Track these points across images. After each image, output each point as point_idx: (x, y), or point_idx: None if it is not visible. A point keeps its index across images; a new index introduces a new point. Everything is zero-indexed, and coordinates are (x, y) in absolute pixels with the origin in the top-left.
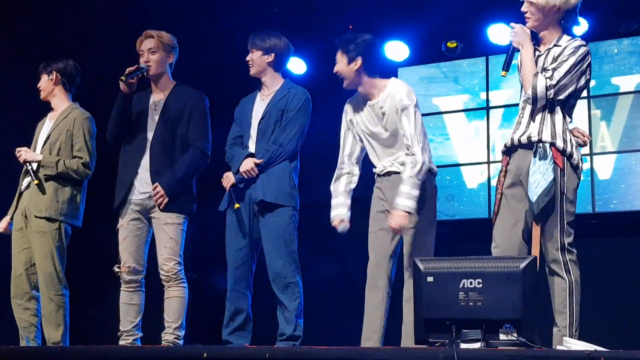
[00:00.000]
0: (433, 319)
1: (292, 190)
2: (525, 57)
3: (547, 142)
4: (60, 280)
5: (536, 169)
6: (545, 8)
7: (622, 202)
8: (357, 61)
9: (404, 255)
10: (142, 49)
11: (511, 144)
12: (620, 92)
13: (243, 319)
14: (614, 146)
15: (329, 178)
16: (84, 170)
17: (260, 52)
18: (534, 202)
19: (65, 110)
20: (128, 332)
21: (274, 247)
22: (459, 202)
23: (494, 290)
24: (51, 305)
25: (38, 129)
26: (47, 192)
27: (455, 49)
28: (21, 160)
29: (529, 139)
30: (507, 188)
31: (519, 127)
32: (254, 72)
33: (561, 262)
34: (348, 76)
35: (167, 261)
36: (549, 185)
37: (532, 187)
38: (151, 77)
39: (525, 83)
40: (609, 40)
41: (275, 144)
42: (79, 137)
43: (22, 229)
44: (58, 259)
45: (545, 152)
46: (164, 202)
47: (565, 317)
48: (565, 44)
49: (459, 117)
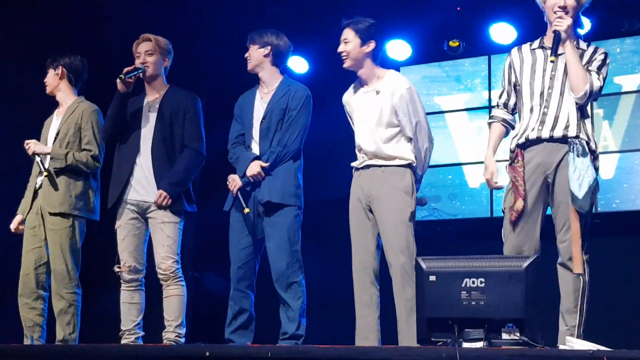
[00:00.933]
0: (435, 318)
1: (297, 190)
2: (572, 51)
3: (584, 139)
4: (72, 279)
5: (577, 165)
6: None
7: (624, 202)
8: (370, 45)
9: (387, 252)
10: (139, 51)
11: (537, 138)
12: (623, 91)
13: (246, 318)
14: (617, 145)
15: (330, 177)
16: (93, 162)
17: (256, 46)
18: (582, 198)
19: (72, 105)
20: (130, 331)
21: (278, 246)
22: (460, 201)
23: (497, 289)
24: (62, 303)
25: (45, 126)
26: (59, 187)
27: (457, 48)
28: (30, 152)
29: (564, 134)
30: (531, 183)
31: (544, 121)
32: (250, 67)
33: (582, 260)
34: (356, 57)
35: (165, 260)
36: (594, 183)
37: (575, 182)
38: (146, 79)
39: (578, 78)
40: (612, 39)
41: (279, 145)
42: (87, 130)
43: (35, 227)
44: (71, 257)
45: (584, 149)
46: (169, 202)
47: (575, 316)
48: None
49: (461, 116)
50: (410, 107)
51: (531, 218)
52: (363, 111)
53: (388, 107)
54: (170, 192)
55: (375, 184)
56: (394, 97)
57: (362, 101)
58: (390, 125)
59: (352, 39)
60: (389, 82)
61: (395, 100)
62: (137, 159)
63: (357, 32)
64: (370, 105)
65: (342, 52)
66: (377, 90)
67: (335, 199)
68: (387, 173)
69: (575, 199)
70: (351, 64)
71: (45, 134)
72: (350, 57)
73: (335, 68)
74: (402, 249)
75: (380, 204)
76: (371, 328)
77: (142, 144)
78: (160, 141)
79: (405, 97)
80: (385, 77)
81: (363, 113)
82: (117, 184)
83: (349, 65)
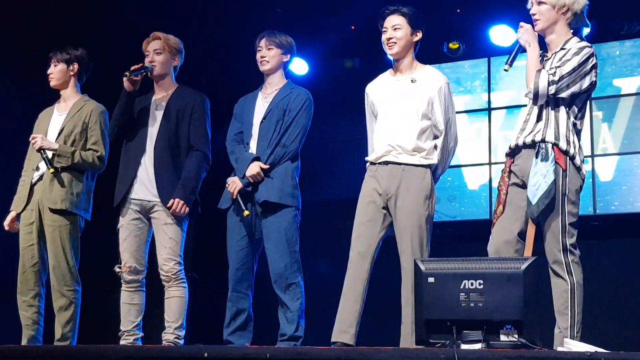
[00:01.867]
0: (434, 320)
1: (294, 190)
2: (531, 56)
3: (549, 142)
4: (73, 276)
5: (537, 170)
6: (555, 7)
7: (623, 204)
8: (418, 34)
9: (401, 254)
10: (148, 49)
11: (515, 146)
12: (622, 94)
13: (244, 319)
14: (616, 148)
15: (330, 178)
16: (98, 163)
17: (279, 50)
18: (534, 204)
19: (78, 102)
20: (129, 332)
21: (276, 247)
22: (460, 203)
23: (495, 291)
24: (62, 300)
25: (42, 119)
26: (63, 184)
27: (457, 50)
28: (36, 147)
29: (533, 140)
30: (511, 187)
31: (525, 128)
32: (267, 69)
33: (563, 263)
34: (405, 45)
35: (167, 261)
36: (549, 187)
37: (532, 188)
38: (154, 78)
39: (528, 79)
40: (611, 42)
41: (279, 146)
42: (95, 130)
43: (32, 223)
44: (72, 254)
45: (547, 153)
46: (186, 210)
47: (566, 318)
48: (571, 46)
49: (460, 118)
50: (448, 102)
51: (508, 222)
52: (393, 99)
53: (425, 97)
54: (186, 199)
55: (394, 183)
56: (432, 88)
57: (393, 89)
58: (424, 117)
59: (404, 25)
60: (427, 73)
61: (433, 92)
62: (142, 158)
63: (408, 19)
64: (404, 94)
65: (392, 38)
66: (413, 79)
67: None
68: (407, 172)
69: (528, 204)
70: (398, 52)
71: (44, 127)
72: (399, 45)
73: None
74: (415, 252)
75: (399, 204)
76: (353, 324)
77: (148, 143)
78: (164, 140)
79: (444, 90)
80: (422, 69)
81: (393, 101)
82: (122, 183)
83: (396, 53)
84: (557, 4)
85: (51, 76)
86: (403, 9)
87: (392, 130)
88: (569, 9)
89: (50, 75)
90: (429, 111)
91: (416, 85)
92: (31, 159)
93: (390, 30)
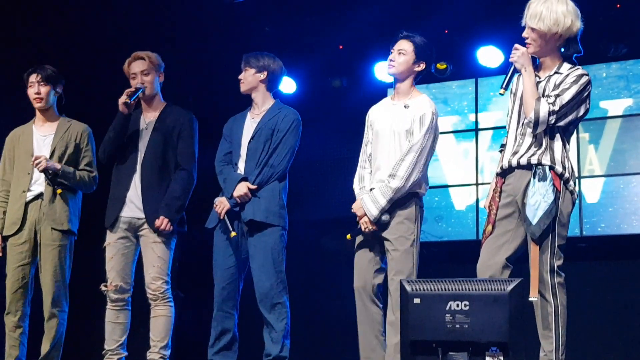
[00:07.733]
0: (419, 341)
1: (281, 210)
2: (528, 81)
3: (546, 165)
4: (66, 296)
5: (536, 190)
6: (547, 35)
7: (609, 226)
8: (421, 65)
9: (388, 278)
10: (134, 71)
11: (508, 166)
12: (609, 115)
13: (229, 339)
14: (602, 170)
15: (317, 197)
16: (92, 183)
17: (253, 70)
18: (535, 224)
19: (62, 123)
20: (113, 351)
21: (262, 267)
22: (447, 223)
23: (481, 312)
24: (53, 321)
25: (22, 139)
26: (65, 204)
27: (444, 70)
28: (40, 168)
29: (528, 161)
30: (502, 208)
31: (518, 150)
32: (244, 89)
33: (549, 284)
34: (404, 71)
35: (155, 280)
36: (550, 207)
37: (531, 208)
38: (145, 98)
39: (527, 107)
40: (598, 64)
41: (267, 166)
42: (88, 151)
43: (24, 242)
44: (66, 274)
45: (545, 174)
46: (171, 228)
47: (551, 341)
48: (567, 72)
49: (447, 138)
50: (423, 123)
51: (496, 243)
52: (387, 121)
53: (415, 121)
54: (171, 217)
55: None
56: (418, 112)
57: (388, 112)
58: (408, 137)
59: (409, 52)
60: (419, 101)
61: (418, 116)
62: (132, 178)
63: (415, 48)
64: (397, 117)
65: (393, 60)
66: (406, 105)
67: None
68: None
69: (529, 224)
70: (394, 73)
71: (27, 148)
72: (397, 69)
73: (322, 89)
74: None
75: (385, 228)
76: (373, 347)
77: (138, 162)
78: (153, 160)
79: (427, 116)
80: (417, 97)
81: (386, 123)
82: (115, 202)
83: (393, 73)
84: (549, 32)
85: (38, 96)
86: (414, 38)
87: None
88: (561, 35)
89: (38, 96)
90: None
91: (408, 111)
92: (16, 180)
93: (395, 53)
